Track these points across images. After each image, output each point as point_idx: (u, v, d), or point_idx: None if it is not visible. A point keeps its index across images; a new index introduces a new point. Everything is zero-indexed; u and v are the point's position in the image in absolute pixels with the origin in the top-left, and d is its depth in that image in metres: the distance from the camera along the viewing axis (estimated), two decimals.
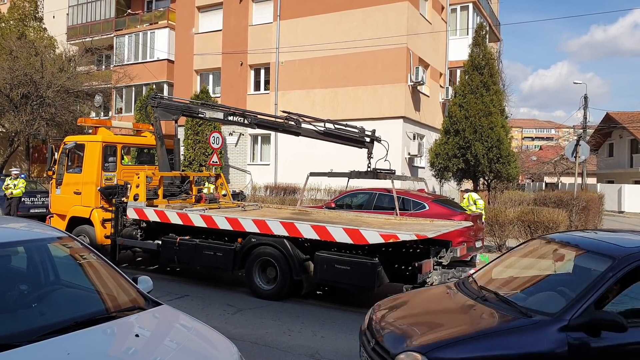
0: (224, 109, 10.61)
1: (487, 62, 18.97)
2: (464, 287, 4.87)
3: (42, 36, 31.35)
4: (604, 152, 45.12)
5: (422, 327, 4.30)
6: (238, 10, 25.12)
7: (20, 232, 4.21)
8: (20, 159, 32.95)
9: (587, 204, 16.78)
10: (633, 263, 4.07)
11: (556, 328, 3.77)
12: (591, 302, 3.86)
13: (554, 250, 4.90)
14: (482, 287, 4.69)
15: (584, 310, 3.81)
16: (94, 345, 3.17)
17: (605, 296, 4.00)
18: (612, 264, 4.06)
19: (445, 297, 4.93)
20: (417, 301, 5.05)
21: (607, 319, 3.72)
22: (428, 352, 3.76)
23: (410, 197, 11.53)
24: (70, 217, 11.08)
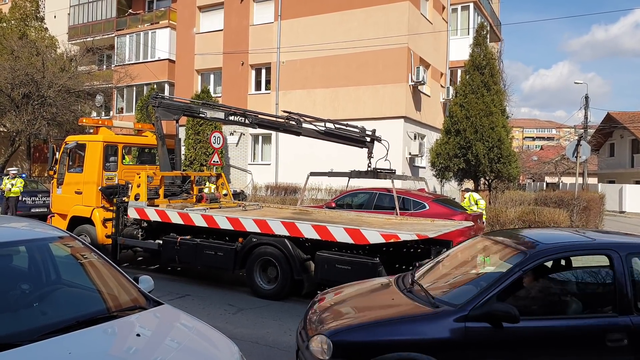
0: (225, 109, 10.61)
1: (488, 62, 18.96)
2: (400, 281, 5.11)
3: (43, 36, 31.40)
4: (605, 152, 45.08)
5: (341, 314, 4.61)
6: (239, 10, 25.13)
7: (22, 231, 4.22)
8: (22, 158, 32.99)
9: (588, 204, 16.77)
10: (542, 258, 4.36)
11: (455, 318, 4.04)
12: (493, 295, 4.09)
13: (489, 247, 5.07)
14: (415, 281, 4.91)
15: (484, 302, 4.05)
16: (95, 344, 3.17)
17: (512, 289, 4.23)
18: (521, 259, 4.29)
19: (379, 289, 5.20)
20: (352, 292, 5.25)
21: (501, 310, 3.94)
22: (332, 335, 4.13)
23: (410, 196, 11.54)
24: (71, 217, 11.09)
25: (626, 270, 4.17)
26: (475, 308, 4.05)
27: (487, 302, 4.06)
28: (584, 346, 4.06)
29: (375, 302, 4.92)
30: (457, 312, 4.07)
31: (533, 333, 4.06)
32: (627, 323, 4.04)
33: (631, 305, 4.09)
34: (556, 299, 4.72)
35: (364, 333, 4.17)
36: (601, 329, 4.06)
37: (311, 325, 4.55)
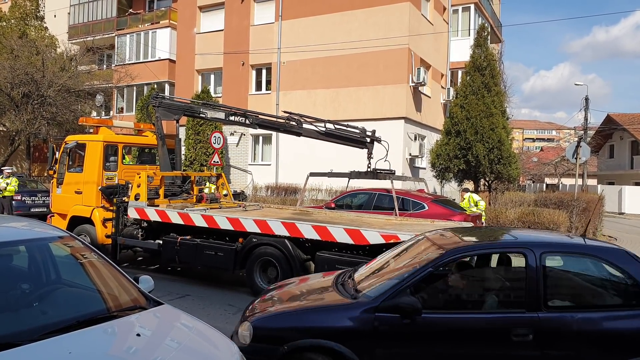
0: (226, 109, 10.61)
1: (489, 63, 18.97)
2: (339, 276, 5.34)
3: (43, 35, 31.37)
4: (604, 153, 45.12)
5: (271, 304, 4.91)
6: (240, 10, 25.14)
7: (22, 231, 4.22)
8: (21, 158, 32.98)
9: (588, 205, 16.75)
10: (454, 256, 4.58)
11: (366, 309, 4.27)
12: (402, 288, 4.31)
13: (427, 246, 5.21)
14: (351, 275, 5.19)
15: (393, 295, 4.26)
16: (95, 344, 3.17)
17: (424, 284, 4.48)
18: (436, 257, 4.53)
19: (317, 283, 5.44)
20: (293, 286, 5.53)
21: (406, 303, 4.16)
22: (255, 322, 4.47)
23: (409, 197, 11.55)
24: (71, 217, 11.09)
25: (539, 268, 4.28)
26: (384, 300, 4.24)
27: (397, 295, 4.24)
28: (489, 340, 4.17)
29: (306, 294, 5.16)
30: (369, 304, 4.29)
31: (441, 326, 4.24)
32: (534, 319, 4.16)
33: (540, 302, 4.20)
34: (469, 295, 4.90)
35: (282, 320, 4.49)
36: (507, 324, 4.18)
37: (245, 314, 4.87)
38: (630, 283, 4.32)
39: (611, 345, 4.12)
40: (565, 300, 4.58)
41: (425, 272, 4.40)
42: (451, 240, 5.01)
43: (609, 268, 4.48)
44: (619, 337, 4.13)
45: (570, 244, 4.92)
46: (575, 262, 4.78)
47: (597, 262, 4.56)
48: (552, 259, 4.53)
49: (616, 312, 4.26)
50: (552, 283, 4.44)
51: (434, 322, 4.23)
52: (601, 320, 4.18)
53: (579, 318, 4.18)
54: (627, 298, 4.42)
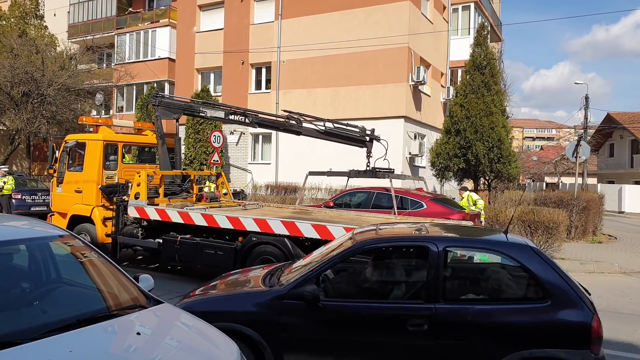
0: (225, 108, 10.61)
1: (489, 62, 18.97)
2: (275, 268, 5.64)
3: (43, 34, 31.37)
4: (604, 152, 45.11)
5: (205, 292, 5.24)
6: (239, 9, 25.12)
7: (22, 230, 4.22)
8: (21, 157, 32.97)
9: (588, 204, 16.74)
10: (362, 248, 4.86)
11: (275, 296, 4.60)
12: (309, 278, 4.59)
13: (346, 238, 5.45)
14: (283, 268, 5.45)
15: (299, 284, 4.55)
16: (95, 343, 3.18)
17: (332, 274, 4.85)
18: (344, 249, 4.82)
19: (254, 273, 5.71)
20: (233, 277, 5.84)
21: (306, 291, 4.43)
22: (185, 303, 4.81)
23: (408, 196, 11.56)
24: (71, 216, 11.09)
25: (440, 261, 4.44)
26: (292, 289, 4.54)
27: (303, 284, 4.52)
28: (387, 329, 4.38)
29: (238, 284, 5.51)
30: (278, 292, 4.61)
31: (342, 313, 4.49)
32: (430, 310, 4.31)
33: (438, 293, 4.36)
34: (372, 285, 5.13)
35: (209, 304, 4.88)
36: (405, 314, 4.37)
37: (185, 296, 5.28)
38: (528, 278, 4.43)
39: (504, 338, 4.21)
40: (463, 293, 4.74)
41: (331, 263, 4.73)
42: (368, 234, 5.16)
43: (511, 263, 4.58)
44: (512, 329, 4.21)
45: (475, 239, 5.03)
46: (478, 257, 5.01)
47: (500, 257, 4.67)
48: (453, 253, 4.78)
49: (512, 306, 4.36)
50: (452, 276, 4.67)
51: (335, 309, 4.48)
52: (496, 312, 4.28)
53: (474, 310, 4.31)
54: (524, 292, 4.54)
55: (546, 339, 4.10)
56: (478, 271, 5.05)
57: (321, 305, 4.43)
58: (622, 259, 13.14)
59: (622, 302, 8.93)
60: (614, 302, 8.91)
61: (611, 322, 7.54)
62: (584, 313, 4.12)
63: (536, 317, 4.16)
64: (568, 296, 4.20)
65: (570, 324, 4.12)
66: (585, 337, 4.05)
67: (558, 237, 12.65)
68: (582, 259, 12.57)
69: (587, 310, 4.14)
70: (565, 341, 4.09)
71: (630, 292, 9.81)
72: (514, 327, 4.21)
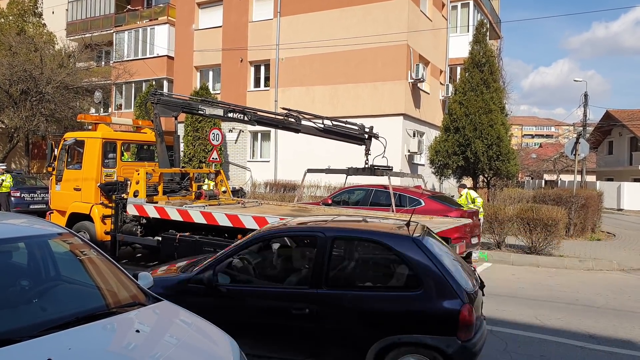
0: (224, 106, 10.60)
1: (488, 60, 18.99)
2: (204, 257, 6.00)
3: (41, 32, 31.33)
4: (603, 149, 45.13)
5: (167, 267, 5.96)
6: (238, 7, 25.09)
7: (21, 228, 4.22)
8: (20, 155, 32.95)
9: (587, 202, 16.76)
10: (260, 237, 5.41)
11: (182, 280, 5.15)
12: (211, 264, 5.07)
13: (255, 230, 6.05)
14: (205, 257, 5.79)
15: (203, 270, 5.03)
16: (94, 340, 3.18)
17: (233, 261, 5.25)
18: (245, 240, 5.33)
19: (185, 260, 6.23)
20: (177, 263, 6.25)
21: (205, 276, 4.90)
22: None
23: (406, 193, 11.57)
24: (70, 213, 11.09)
25: (327, 250, 4.77)
26: (196, 274, 5.05)
27: (205, 270, 5.01)
28: (276, 311, 4.70)
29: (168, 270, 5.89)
30: (186, 277, 5.16)
31: (237, 297, 4.94)
32: (312, 295, 4.66)
33: (322, 280, 4.68)
34: (266, 271, 5.61)
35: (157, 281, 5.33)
36: (291, 299, 4.75)
37: None
38: (404, 268, 4.70)
39: (376, 323, 4.47)
40: (344, 280, 5.01)
41: (229, 252, 5.21)
42: (273, 226, 5.68)
43: (390, 253, 4.84)
44: (384, 316, 4.47)
45: (361, 230, 5.27)
46: (365, 247, 5.24)
47: (382, 248, 4.93)
48: (340, 243, 5.04)
49: (385, 293, 4.70)
50: (336, 264, 4.96)
51: (233, 293, 4.93)
52: (370, 299, 4.58)
53: (350, 296, 4.61)
54: (400, 281, 4.79)
55: (416, 326, 4.33)
56: (361, 260, 5.32)
57: (222, 289, 4.90)
58: (621, 256, 13.17)
59: (620, 299, 8.95)
60: (613, 299, 8.93)
61: (610, 319, 7.57)
62: (453, 302, 4.30)
63: (407, 304, 4.41)
64: (440, 286, 4.39)
65: (439, 312, 4.32)
66: (453, 325, 4.25)
67: (557, 235, 12.68)
68: (580, 257, 12.59)
69: (458, 299, 4.31)
70: (433, 328, 4.31)
71: (629, 289, 9.83)
72: (386, 314, 4.46)
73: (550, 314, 7.75)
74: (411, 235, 4.77)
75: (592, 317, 7.67)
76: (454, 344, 4.22)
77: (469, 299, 4.36)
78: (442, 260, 4.60)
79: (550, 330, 6.94)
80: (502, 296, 8.80)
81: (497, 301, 8.41)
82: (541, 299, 8.70)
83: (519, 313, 7.73)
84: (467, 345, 4.24)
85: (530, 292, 9.31)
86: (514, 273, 11.09)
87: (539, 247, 12.68)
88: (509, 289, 9.48)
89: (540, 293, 9.21)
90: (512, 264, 12.17)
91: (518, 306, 8.16)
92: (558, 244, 12.81)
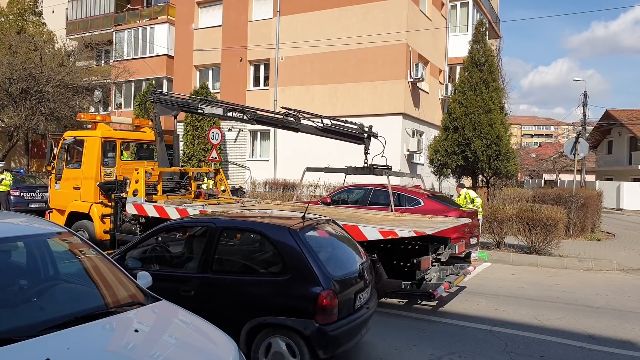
0: (224, 105, 10.60)
1: (487, 59, 18.98)
2: None
3: (41, 31, 31.32)
4: (603, 149, 45.12)
5: None
6: (238, 6, 25.08)
7: (20, 227, 4.21)
8: (20, 153, 32.93)
9: (586, 202, 16.75)
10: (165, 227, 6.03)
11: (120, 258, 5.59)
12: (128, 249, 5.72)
13: None
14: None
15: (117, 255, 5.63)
16: (93, 340, 3.18)
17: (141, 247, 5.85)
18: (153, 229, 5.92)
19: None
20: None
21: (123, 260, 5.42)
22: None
23: (405, 193, 11.56)
24: (69, 212, 11.09)
25: (215, 238, 5.31)
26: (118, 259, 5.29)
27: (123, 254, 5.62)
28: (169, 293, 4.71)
29: None
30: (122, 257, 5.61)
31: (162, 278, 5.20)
32: (198, 279, 5.17)
33: (208, 266, 5.18)
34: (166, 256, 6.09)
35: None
36: (182, 281, 5.25)
37: None
38: (276, 256, 5.09)
39: (248, 305, 4.88)
40: (227, 265, 5.44)
41: (140, 239, 5.88)
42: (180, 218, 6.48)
43: (267, 243, 5.26)
44: (255, 298, 4.89)
45: (246, 221, 5.97)
46: (249, 237, 5.76)
47: (262, 238, 5.37)
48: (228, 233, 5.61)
49: (258, 278, 5.14)
50: (222, 251, 5.43)
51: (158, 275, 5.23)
52: (244, 283, 5.03)
53: (228, 280, 5.08)
54: (272, 267, 5.19)
55: (280, 309, 4.69)
56: (244, 248, 5.83)
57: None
58: (621, 256, 13.17)
59: (620, 299, 8.95)
60: (613, 299, 8.92)
61: (609, 319, 7.56)
62: (314, 288, 4.66)
63: (275, 289, 4.82)
64: (305, 273, 4.78)
65: (301, 296, 4.69)
66: (311, 309, 4.60)
67: (556, 235, 12.67)
68: (580, 257, 12.59)
69: (319, 285, 4.67)
70: (294, 311, 4.66)
71: (629, 289, 9.83)
72: (256, 297, 4.89)
73: (549, 314, 7.75)
74: (290, 227, 5.14)
75: (592, 317, 7.66)
76: (311, 327, 4.55)
77: (334, 286, 4.72)
78: (314, 250, 4.97)
79: (550, 330, 6.93)
80: (502, 296, 8.80)
81: (497, 301, 8.42)
82: (541, 299, 8.70)
83: (519, 313, 7.73)
84: (325, 328, 4.55)
85: (530, 292, 9.31)
86: (514, 273, 11.09)
87: (538, 247, 12.68)
88: (509, 289, 9.48)
89: (539, 293, 9.21)
90: (511, 263, 12.16)
91: (517, 306, 8.15)
92: (558, 243, 12.81)
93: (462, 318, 7.38)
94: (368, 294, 5.40)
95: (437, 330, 6.78)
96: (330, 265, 4.97)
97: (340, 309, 4.74)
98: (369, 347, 6.02)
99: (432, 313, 7.64)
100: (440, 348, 6.07)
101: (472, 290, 9.11)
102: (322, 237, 5.62)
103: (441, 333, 6.67)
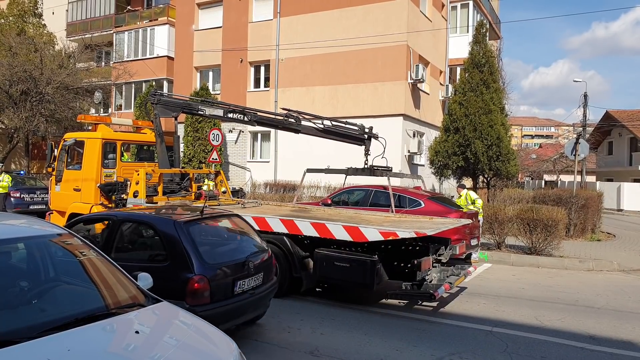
0: (224, 106, 10.60)
1: (487, 60, 18.97)
2: None
3: (41, 32, 31.34)
4: (603, 150, 45.11)
5: None
6: (238, 7, 25.09)
7: (21, 228, 4.21)
8: (20, 155, 32.93)
9: (587, 202, 16.74)
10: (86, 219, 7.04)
11: None
12: None
13: None
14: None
15: None
16: (94, 341, 3.17)
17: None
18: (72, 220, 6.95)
19: None
20: None
21: None
22: None
23: (406, 194, 11.56)
24: (69, 214, 11.07)
25: (115, 230, 6.07)
26: None
27: None
28: None
29: None
30: None
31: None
32: None
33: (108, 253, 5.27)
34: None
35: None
36: None
37: None
38: (162, 246, 5.64)
39: None
40: (125, 254, 6.04)
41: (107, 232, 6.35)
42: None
43: (156, 234, 5.81)
44: None
45: (141, 214, 6.44)
46: (143, 229, 6.33)
47: (152, 230, 5.95)
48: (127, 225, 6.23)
49: (146, 264, 5.51)
50: (121, 241, 6.10)
51: None
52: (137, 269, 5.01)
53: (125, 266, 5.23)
54: (158, 256, 5.74)
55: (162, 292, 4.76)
56: (139, 239, 6.42)
57: None
58: (621, 256, 13.16)
59: (621, 300, 8.94)
60: (613, 300, 8.92)
61: (610, 320, 7.56)
62: (187, 274, 5.22)
63: (157, 275, 4.87)
64: (181, 261, 5.34)
65: (176, 281, 5.22)
66: (182, 292, 5.15)
67: (557, 235, 12.66)
68: (581, 257, 12.58)
69: (192, 272, 5.22)
70: (171, 294, 4.83)
71: (629, 289, 9.82)
72: None
73: (550, 314, 7.74)
74: (176, 220, 5.72)
75: (593, 317, 7.66)
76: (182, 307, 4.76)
77: (207, 272, 5.28)
78: (195, 241, 5.53)
79: (551, 331, 6.93)
80: (502, 297, 8.79)
81: (498, 302, 8.41)
82: (541, 300, 8.69)
83: (519, 314, 7.72)
84: (195, 309, 4.78)
85: (531, 292, 9.30)
86: (514, 274, 11.09)
87: (539, 248, 12.67)
88: (509, 289, 9.47)
89: (540, 294, 9.20)
90: (512, 264, 12.16)
91: (518, 307, 8.15)
92: (558, 244, 12.80)
93: (463, 319, 7.37)
94: (257, 281, 5.90)
95: (437, 331, 6.78)
96: (208, 255, 5.58)
97: (214, 292, 5.27)
98: (370, 347, 6.02)
99: (433, 314, 7.64)
100: (441, 349, 6.06)
101: (472, 291, 9.10)
102: (211, 229, 6.42)
103: (442, 334, 6.67)
